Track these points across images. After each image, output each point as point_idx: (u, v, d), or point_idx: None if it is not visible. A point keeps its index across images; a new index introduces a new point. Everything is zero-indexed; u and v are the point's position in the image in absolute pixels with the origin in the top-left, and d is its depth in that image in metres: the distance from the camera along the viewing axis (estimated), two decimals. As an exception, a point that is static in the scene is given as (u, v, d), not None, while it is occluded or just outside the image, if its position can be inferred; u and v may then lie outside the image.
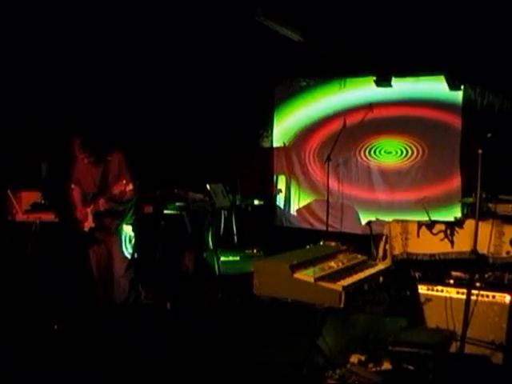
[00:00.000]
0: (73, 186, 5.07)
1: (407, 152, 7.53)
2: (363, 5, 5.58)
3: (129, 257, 4.96)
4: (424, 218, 4.94)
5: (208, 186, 6.40)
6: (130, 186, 4.63)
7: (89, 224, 4.89)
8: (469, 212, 5.92)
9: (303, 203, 8.33)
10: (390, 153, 7.63)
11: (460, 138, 7.12)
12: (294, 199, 8.43)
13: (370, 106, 6.37)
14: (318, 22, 6.16)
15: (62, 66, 5.66)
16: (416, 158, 7.49)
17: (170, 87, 6.95)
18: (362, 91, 7.58)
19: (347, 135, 6.49)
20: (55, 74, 5.64)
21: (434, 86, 7.23)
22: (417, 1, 5.47)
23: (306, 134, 8.24)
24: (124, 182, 4.60)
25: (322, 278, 3.31)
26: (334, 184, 6.61)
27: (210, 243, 6.34)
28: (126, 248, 4.96)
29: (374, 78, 7.37)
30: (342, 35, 6.45)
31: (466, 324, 3.61)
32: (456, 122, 7.14)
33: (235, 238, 6.70)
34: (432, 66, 6.89)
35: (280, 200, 8.53)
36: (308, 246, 4.26)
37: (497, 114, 6.82)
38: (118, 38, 5.84)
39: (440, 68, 6.91)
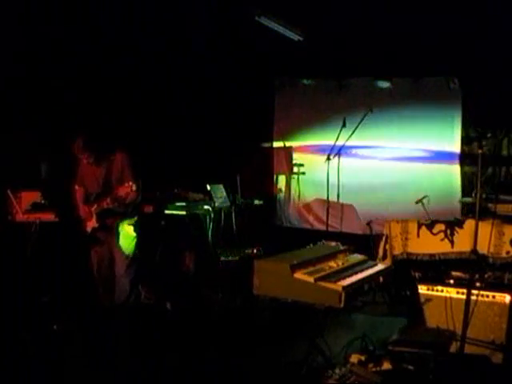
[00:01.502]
0: (77, 187, 5.07)
1: (407, 152, 7.54)
2: (364, 7, 5.60)
3: (130, 256, 4.95)
4: (424, 217, 4.94)
5: (208, 186, 6.40)
6: (134, 187, 4.62)
7: (92, 224, 4.88)
8: (469, 212, 5.92)
9: (303, 203, 8.34)
10: (390, 152, 7.63)
11: (460, 138, 7.14)
12: (294, 199, 8.44)
13: (370, 106, 6.36)
14: (319, 22, 6.17)
15: (61, 66, 5.66)
16: (416, 157, 7.49)
17: (170, 87, 6.94)
18: (362, 91, 7.59)
19: (347, 135, 6.49)
20: (55, 74, 5.63)
21: (434, 88, 7.25)
22: (416, 5, 5.48)
23: (306, 133, 8.24)
24: (130, 183, 4.57)
25: (322, 278, 3.31)
26: (334, 184, 6.60)
27: (210, 243, 6.34)
28: (127, 248, 4.96)
29: (374, 78, 7.38)
30: (343, 36, 6.45)
31: (466, 324, 3.61)
32: (456, 122, 7.15)
33: (235, 237, 6.69)
34: (432, 68, 6.90)
35: (280, 200, 8.53)
36: (308, 246, 4.26)
37: (497, 115, 6.82)
38: (118, 37, 5.84)
39: (440, 70, 6.92)
